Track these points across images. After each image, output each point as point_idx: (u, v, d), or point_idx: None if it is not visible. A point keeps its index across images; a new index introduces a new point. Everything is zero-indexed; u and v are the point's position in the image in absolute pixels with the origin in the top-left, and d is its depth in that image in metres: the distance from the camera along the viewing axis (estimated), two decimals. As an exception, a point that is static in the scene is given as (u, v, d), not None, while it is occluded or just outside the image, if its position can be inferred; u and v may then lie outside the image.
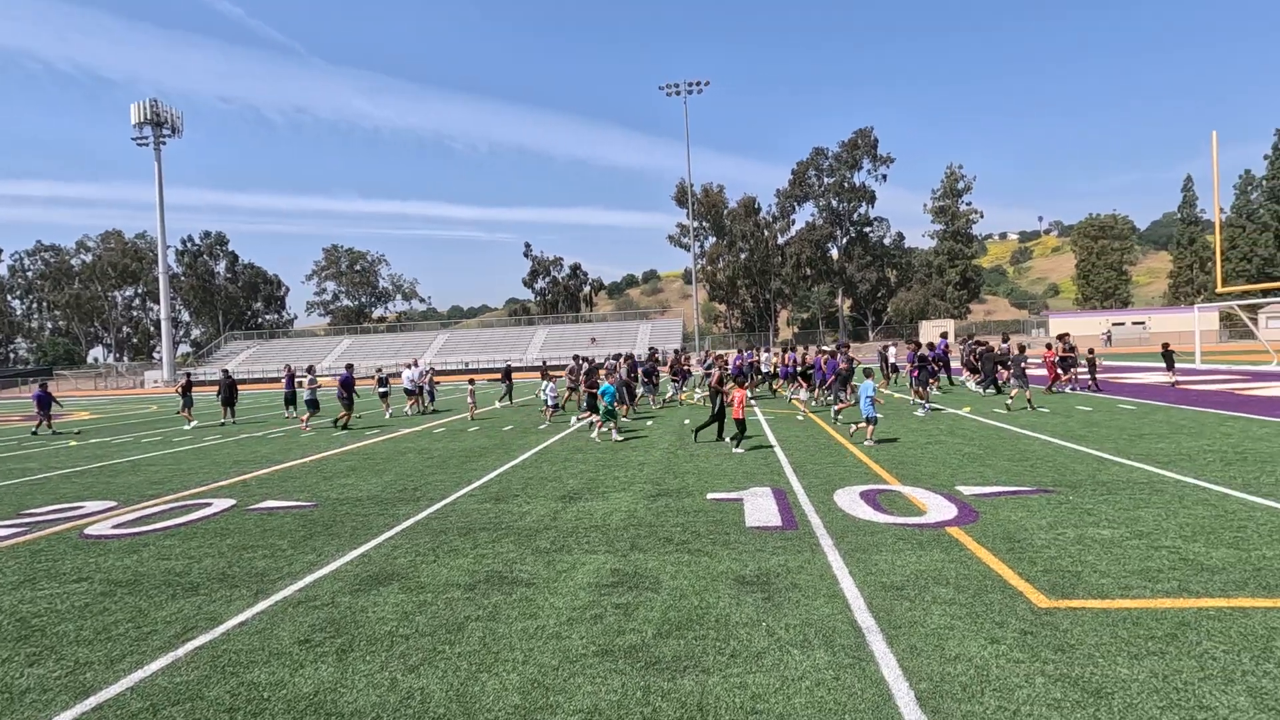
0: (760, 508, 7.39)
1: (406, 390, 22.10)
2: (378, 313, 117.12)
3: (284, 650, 4.25)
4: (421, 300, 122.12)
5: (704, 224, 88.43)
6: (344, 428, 17.75)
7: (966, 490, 7.75)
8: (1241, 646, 3.75)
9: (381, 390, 21.24)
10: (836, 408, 14.76)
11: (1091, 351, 20.66)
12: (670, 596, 4.89)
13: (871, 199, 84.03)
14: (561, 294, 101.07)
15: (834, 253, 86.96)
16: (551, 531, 6.80)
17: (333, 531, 7.13)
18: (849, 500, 7.53)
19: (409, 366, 22.93)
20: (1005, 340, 20.72)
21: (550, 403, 17.04)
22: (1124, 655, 3.71)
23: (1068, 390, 19.37)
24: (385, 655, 4.12)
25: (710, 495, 8.11)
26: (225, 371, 22.67)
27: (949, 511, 6.85)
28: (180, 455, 14.06)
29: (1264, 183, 76.50)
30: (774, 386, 23.01)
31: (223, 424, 20.91)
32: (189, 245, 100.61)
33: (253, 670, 3.99)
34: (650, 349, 22.79)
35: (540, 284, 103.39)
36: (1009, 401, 15.69)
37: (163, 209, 69.83)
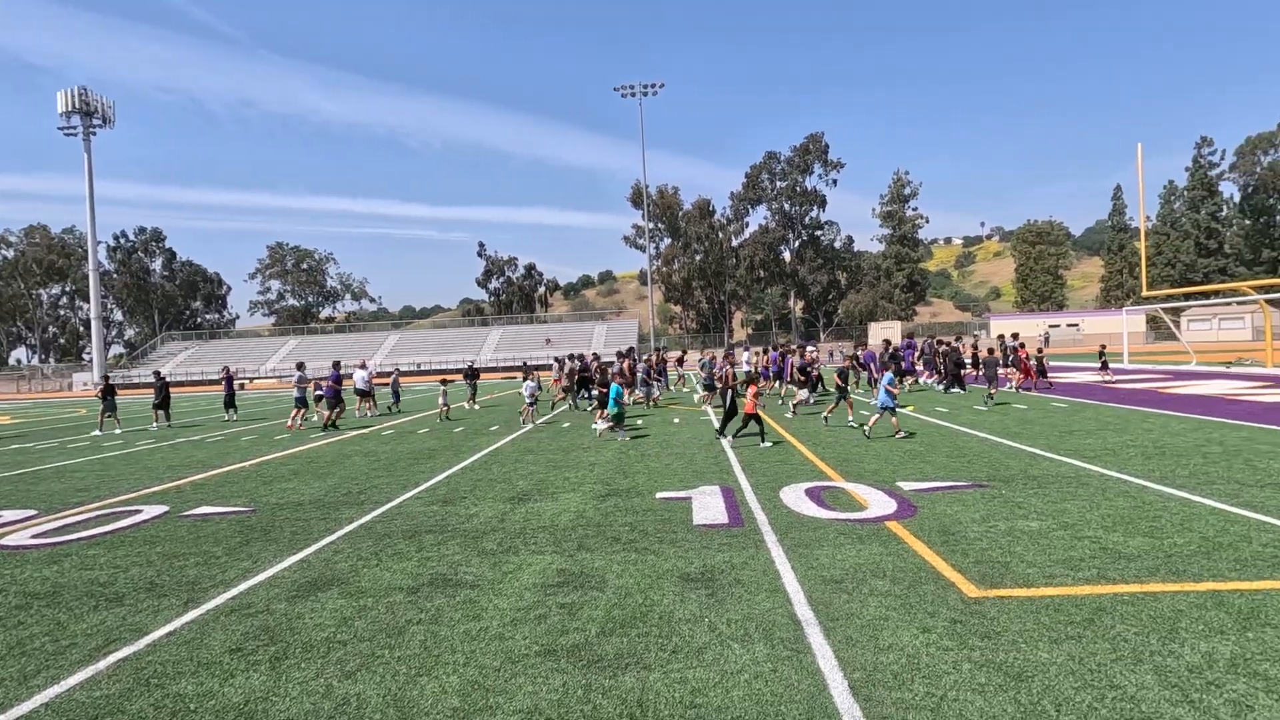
0: (708, 506, 7.47)
1: (359, 391, 21.59)
2: (326, 313, 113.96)
3: (214, 660, 4.10)
4: (372, 300, 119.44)
5: (659, 225, 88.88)
6: (332, 426, 17.40)
7: (907, 486, 7.99)
8: (1151, 629, 3.97)
9: (316, 394, 20.62)
10: (826, 411, 14.66)
11: (1040, 352, 21.65)
12: (615, 595, 4.91)
13: (822, 203, 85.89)
14: (516, 294, 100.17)
15: (786, 255, 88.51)
16: (499, 533, 6.74)
17: (271, 537, 6.92)
18: (794, 497, 7.69)
19: (360, 368, 22.62)
20: (978, 338, 21.53)
21: (529, 401, 16.61)
22: (1045, 640, 3.89)
23: (1019, 390, 20.15)
24: (321, 662, 4.02)
25: (659, 495, 8.16)
26: (157, 373, 21.73)
27: (889, 506, 7.06)
28: (109, 461, 13.41)
29: (1185, 193, 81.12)
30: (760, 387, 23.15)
31: (154, 429, 20.02)
32: (122, 241, 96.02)
33: (179, 681, 3.84)
34: (593, 355, 22.70)
35: (495, 284, 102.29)
36: (991, 394, 16.62)
37: (93, 202, 66.48)
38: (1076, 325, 72.71)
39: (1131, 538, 5.67)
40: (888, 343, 18.17)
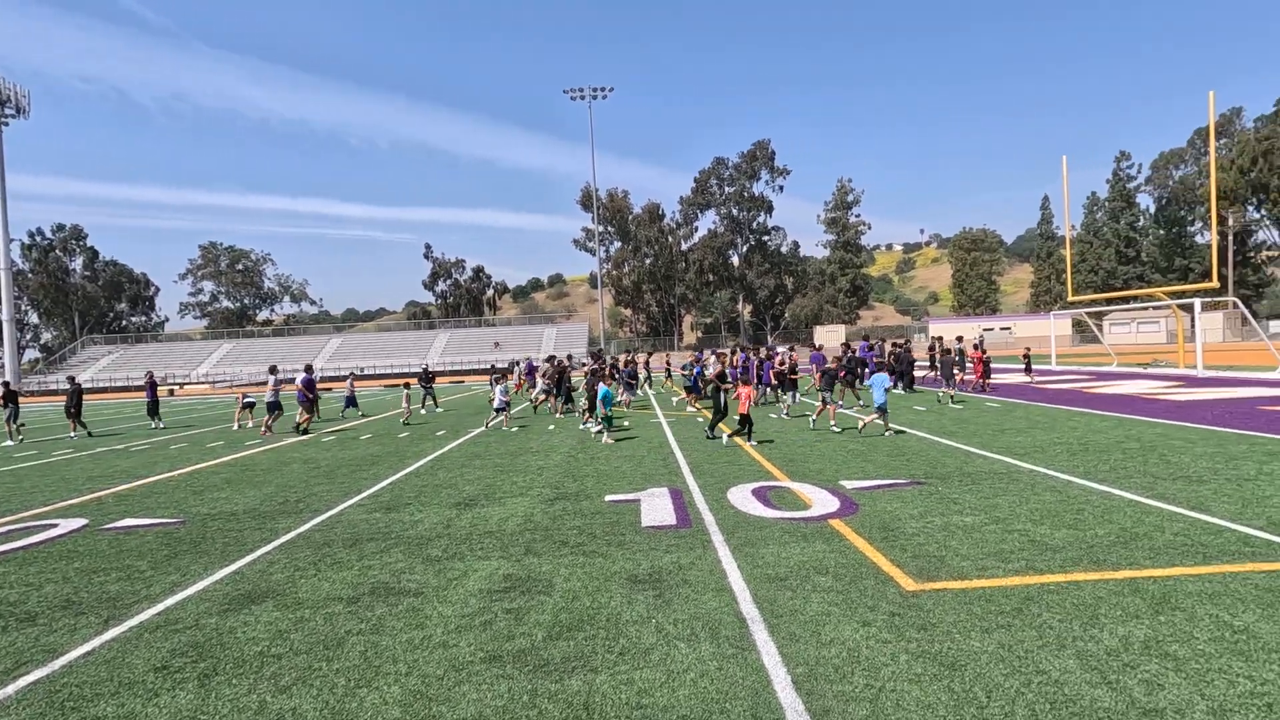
0: (657, 508, 7.51)
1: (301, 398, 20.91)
2: (263, 315, 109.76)
3: (137, 679, 3.89)
4: (312, 302, 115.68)
5: (609, 229, 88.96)
6: (304, 431, 16.93)
7: (849, 485, 8.20)
8: (1074, 616, 4.18)
9: (247, 400, 19.87)
10: (813, 416, 14.34)
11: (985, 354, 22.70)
12: (563, 599, 4.88)
13: (769, 209, 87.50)
14: (464, 297, 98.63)
15: (735, 260, 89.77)
16: (444, 539, 6.61)
17: (201, 549, 6.61)
18: (741, 497, 7.79)
19: (306, 371, 22.08)
20: (947, 340, 22.50)
21: (498, 406, 16.07)
22: (977, 630, 4.05)
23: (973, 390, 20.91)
24: (254, 677, 3.86)
25: (608, 497, 8.15)
26: (72, 379, 20.49)
27: (832, 505, 7.23)
28: (22, 473, 12.59)
29: (1106, 204, 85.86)
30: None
31: (73, 437, 18.88)
32: (38, 239, 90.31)
33: (98, 704, 3.63)
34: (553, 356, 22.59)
35: (441, 286, 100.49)
36: (951, 395, 17.29)
37: (4, 197, 62.33)
38: (1009, 329, 76.02)
39: (1057, 530, 5.95)
40: (847, 345, 18.84)
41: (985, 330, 73.77)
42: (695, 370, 20.32)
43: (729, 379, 14.27)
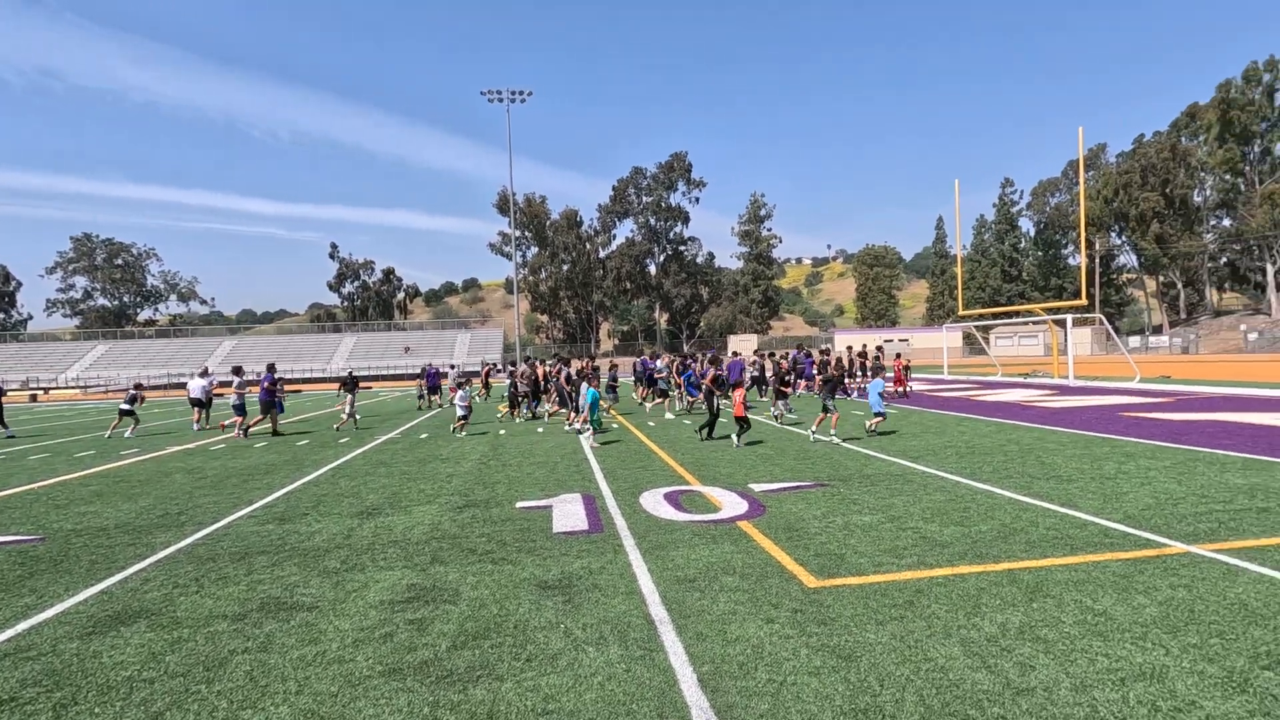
0: (569, 513, 7.44)
1: (194, 401, 19.49)
2: (145, 315, 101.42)
3: (-23, 714, 3.47)
4: (203, 302, 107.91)
5: (527, 234, 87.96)
6: (274, 433, 16.50)
7: (757, 487, 8.43)
8: (959, 606, 4.45)
9: (125, 407, 18.28)
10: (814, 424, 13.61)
11: (878, 358, 23.94)
12: (469, 607, 4.74)
13: (686, 219, 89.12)
14: (373, 300, 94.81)
15: (652, 269, 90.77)
16: (343, 550, 6.29)
17: (62, 568, 5.99)
18: (653, 501, 7.85)
19: (202, 375, 20.89)
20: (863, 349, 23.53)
21: (462, 413, 15.10)
22: (872, 623, 4.24)
23: (853, 396, 21.90)
24: (121, 704, 3.53)
25: (520, 504, 8.02)
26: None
27: (741, 507, 7.40)
28: None
29: (993, 226, 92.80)
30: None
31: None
32: None
33: (-73, 743, 3.21)
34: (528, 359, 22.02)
35: (349, 288, 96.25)
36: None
37: None
38: (907, 340, 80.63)
39: (946, 527, 6.34)
40: (800, 347, 19.91)
41: (885, 341, 77.98)
42: (686, 374, 20.06)
43: (723, 383, 14.44)
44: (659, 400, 19.83)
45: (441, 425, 17.65)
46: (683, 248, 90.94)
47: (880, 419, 12.73)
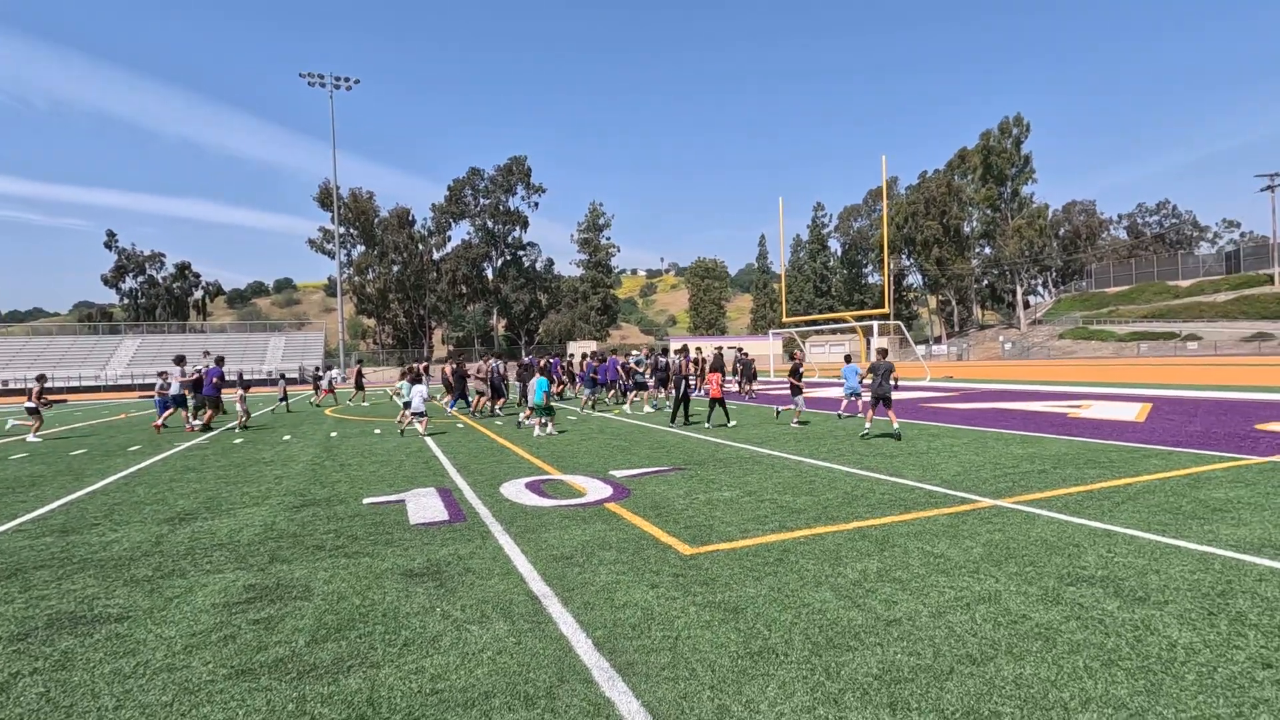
0: (425, 506, 6.98)
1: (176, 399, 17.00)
2: None
3: None
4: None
5: (352, 231, 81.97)
6: (206, 428, 15.68)
7: (618, 473, 8.48)
8: (823, 559, 4.78)
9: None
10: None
11: (752, 361, 25.37)
12: (325, 601, 4.26)
13: (525, 224, 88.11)
14: (163, 298, 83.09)
15: (489, 273, 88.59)
16: (154, 557, 5.38)
17: None
18: (515, 491, 7.60)
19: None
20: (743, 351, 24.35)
21: (417, 410, 13.38)
22: (750, 579, 4.41)
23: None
24: None
25: (367, 500, 7.38)
26: None
27: (605, 491, 7.39)
28: None
29: (807, 245, 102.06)
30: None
31: None
32: None
33: None
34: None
35: (131, 284, 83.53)
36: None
37: None
38: (738, 348, 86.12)
39: (799, 497, 6.79)
40: (720, 348, 20.61)
41: (717, 348, 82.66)
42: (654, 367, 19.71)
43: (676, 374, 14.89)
44: (635, 396, 19.16)
45: (261, 429, 15.82)
46: (521, 252, 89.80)
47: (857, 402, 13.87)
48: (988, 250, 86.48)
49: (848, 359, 14.90)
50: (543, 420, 13.06)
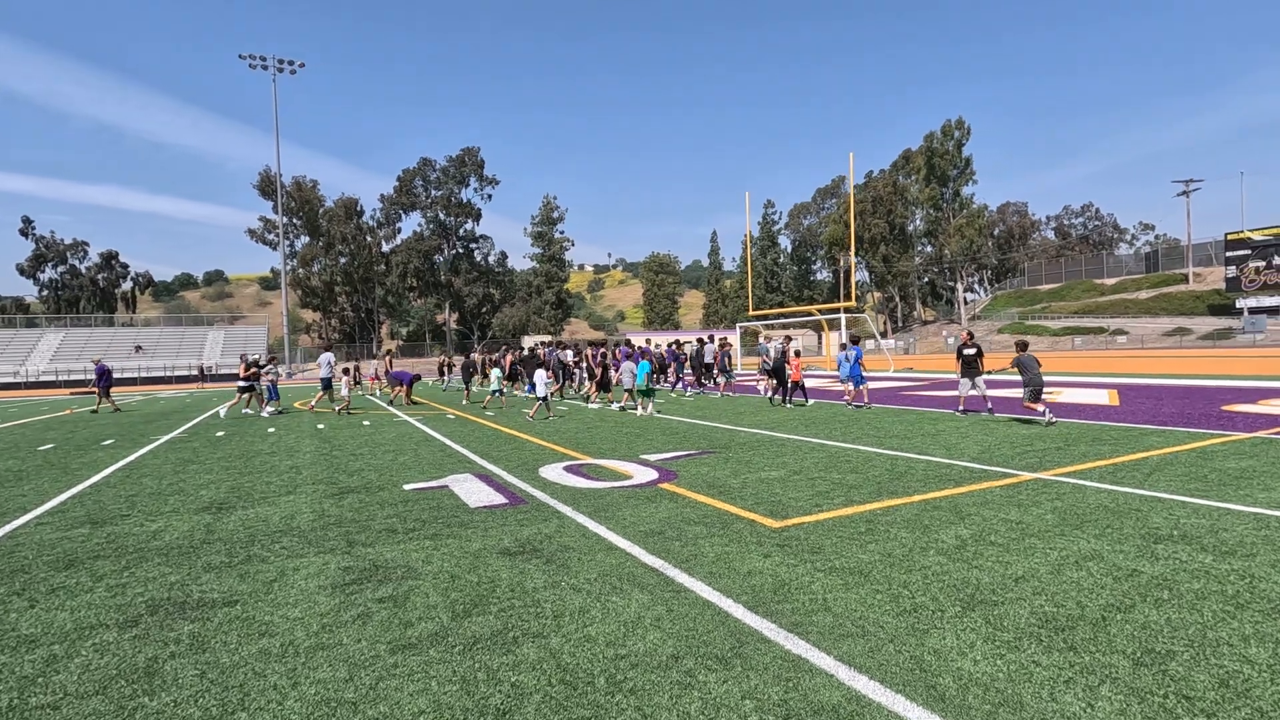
0: (474, 490, 6.87)
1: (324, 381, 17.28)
2: None
3: None
4: None
5: (295, 221, 78.83)
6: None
7: (651, 457, 8.52)
8: (911, 528, 4.95)
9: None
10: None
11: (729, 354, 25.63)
12: (440, 580, 4.18)
13: (478, 216, 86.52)
14: (87, 289, 78.18)
15: (441, 266, 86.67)
16: (218, 544, 5.15)
17: None
18: (557, 474, 7.56)
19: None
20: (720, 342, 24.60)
21: (542, 394, 13.96)
22: (855, 547, 4.55)
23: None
24: (31, 735, 2.55)
25: (408, 486, 7.21)
26: None
27: (650, 474, 7.43)
28: None
29: (757, 242, 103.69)
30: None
31: None
32: None
33: None
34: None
35: (51, 274, 78.28)
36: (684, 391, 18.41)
37: None
38: (724, 339, 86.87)
39: (846, 475, 6.99)
40: (702, 341, 21.36)
41: (699, 341, 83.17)
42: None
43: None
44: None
45: (239, 422, 15.14)
46: (474, 245, 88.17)
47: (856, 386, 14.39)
48: (929, 248, 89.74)
49: (851, 344, 15.44)
50: (643, 402, 14.25)
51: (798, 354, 16.32)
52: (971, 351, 12.36)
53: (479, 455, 9.26)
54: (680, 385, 21.33)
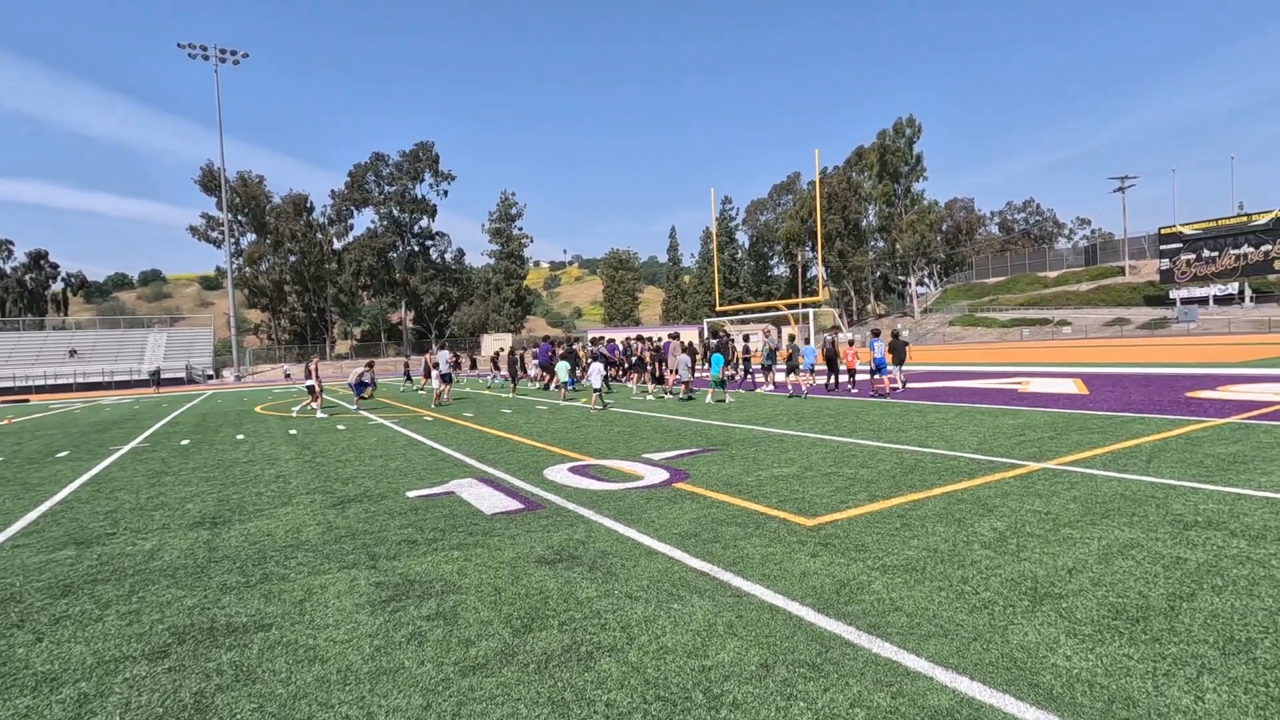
0: (483, 496, 6.66)
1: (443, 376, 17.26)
2: None
3: None
4: None
5: (240, 218, 75.90)
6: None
7: (655, 456, 8.42)
8: (944, 521, 4.97)
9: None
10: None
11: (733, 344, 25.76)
12: (484, 593, 4.00)
13: (433, 213, 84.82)
14: (14, 290, 73.82)
15: (396, 263, 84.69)
16: (225, 562, 4.85)
17: None
18: (564, 477, 7.39)
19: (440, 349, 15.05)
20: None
21: (597, 385, 15.51)
22: (895, 543, 4.54)
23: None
24: (90, 788, 2.31)
25: (411, 493, 6.95)
26: None
27: (660, 474, 7.32)
28: None
29: (716, 237, 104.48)
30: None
31: None
32: None
33: None
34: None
35: (-28, 275, 73.62)
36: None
37: None
38: (715, 331, 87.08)
39: (859, 470, 7.01)
40: (715, 333, 21.66)
41: (671, 336, 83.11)
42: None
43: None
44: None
45: (204, 430, 14.43)
46: (430, 242, 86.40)
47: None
48: (882, 244, 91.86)
49: (807, 341, 16.61)
50: (716, 390, 15.42)
51: (850, 344, 18.24)
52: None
53: (474, 458, 9.01)
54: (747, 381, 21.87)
